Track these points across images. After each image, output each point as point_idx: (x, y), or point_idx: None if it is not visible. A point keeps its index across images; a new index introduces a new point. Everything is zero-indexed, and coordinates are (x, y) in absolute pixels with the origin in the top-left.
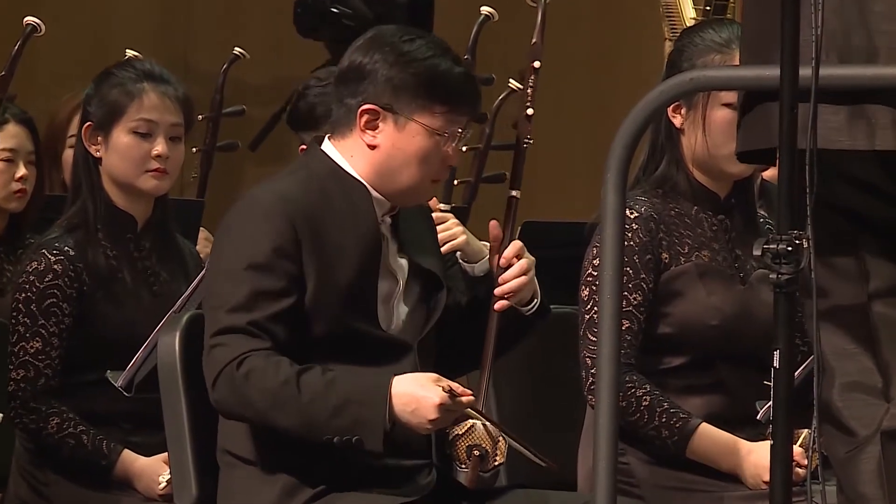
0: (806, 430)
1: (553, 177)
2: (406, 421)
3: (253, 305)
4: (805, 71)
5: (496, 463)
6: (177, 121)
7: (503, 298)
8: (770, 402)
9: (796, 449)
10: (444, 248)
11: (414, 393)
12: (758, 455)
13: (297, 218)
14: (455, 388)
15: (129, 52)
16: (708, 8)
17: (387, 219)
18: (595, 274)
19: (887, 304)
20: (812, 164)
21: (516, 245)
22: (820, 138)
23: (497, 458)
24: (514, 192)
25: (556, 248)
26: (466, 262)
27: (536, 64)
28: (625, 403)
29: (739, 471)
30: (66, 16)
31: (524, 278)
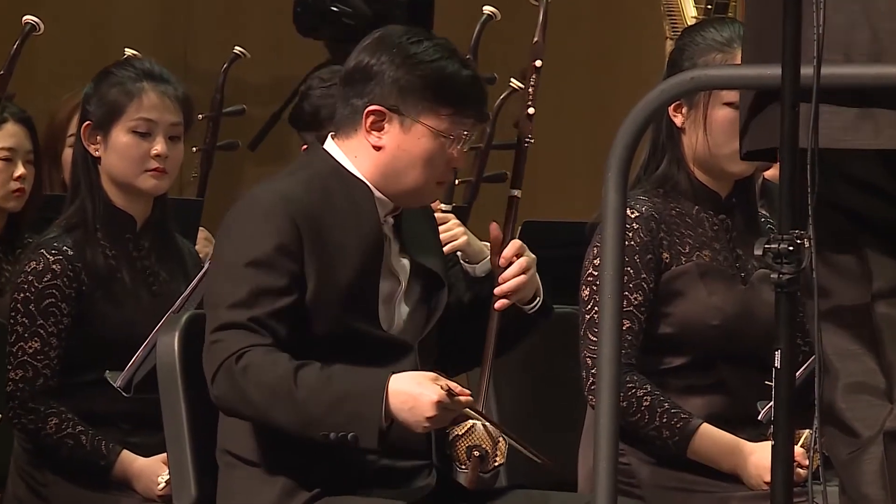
0: (807, 431)
1: (554, 176)
2: (403, 418)
3: (254, 302)
4: (807, 70)
5: (496, 463)
6: (176, 120)
7: (503, 297)
8: (771, 403)
9: (797, 449)
10: (446, 249)
11: (411, 390)
12: (759, 455)
13: (299, 217)
14: (453, 388)
15: (128, 51)
16: (709, 7)
17: (389, 219)
18: (596, 274)
19: (890, 304)
20: (813, 164)
21: (516, 244)
22: (823, 137)
23: (497, 459)
24: (514, 192)
25: (556, 248)
26: (468, 262)
27: (538, 63)
28: (625, 403)
29: (740, 471)
30: (66, 15)
31: (524, 277)
